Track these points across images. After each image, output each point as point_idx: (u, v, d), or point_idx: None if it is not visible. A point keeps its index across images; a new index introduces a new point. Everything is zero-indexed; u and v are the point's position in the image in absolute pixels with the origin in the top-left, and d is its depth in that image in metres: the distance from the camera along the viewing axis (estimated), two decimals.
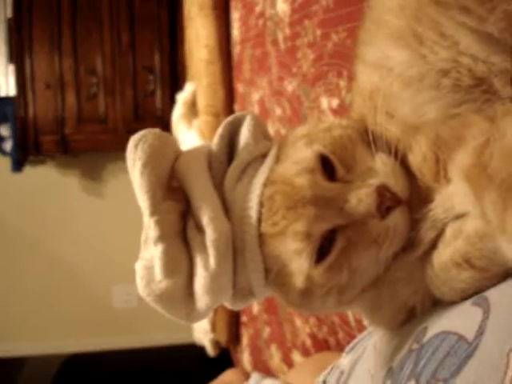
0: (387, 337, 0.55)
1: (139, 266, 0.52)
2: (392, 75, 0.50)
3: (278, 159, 0.53)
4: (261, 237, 0.50)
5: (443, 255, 0.46)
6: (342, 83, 0.88)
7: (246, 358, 1.70)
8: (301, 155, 0.51)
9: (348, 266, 0.48)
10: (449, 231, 0.46)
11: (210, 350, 1.96)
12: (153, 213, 0.51)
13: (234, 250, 0.51)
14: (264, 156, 0.54)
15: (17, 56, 3.26)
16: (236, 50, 1.70)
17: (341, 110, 0.89)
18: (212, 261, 0.49)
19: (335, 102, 0.90)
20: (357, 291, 0.50)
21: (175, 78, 3.28)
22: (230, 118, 0.57)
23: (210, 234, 0.49)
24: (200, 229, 0.51)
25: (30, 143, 3.28)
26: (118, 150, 3.17)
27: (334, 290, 0.50)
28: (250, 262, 0.51)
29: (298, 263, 0.49)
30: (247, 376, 1.37)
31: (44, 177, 3.60)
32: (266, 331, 1.46)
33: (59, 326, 3.63)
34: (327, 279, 0.49)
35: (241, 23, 1.61)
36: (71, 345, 3.65)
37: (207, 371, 1.42)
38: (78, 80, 3.30)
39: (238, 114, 0.57)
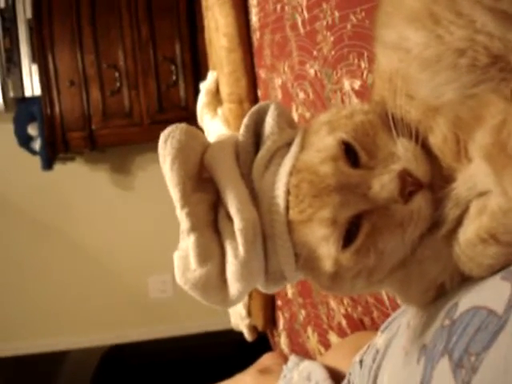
0: (420, 314, 0.56)
1: (176, 256, 0.54)
2: (410, 57, 0.51)
3: (302, 147, 0.54)
4: (289, 224, 0.52)
5: (469, 232, 0.47)
6: (364, 64, 0.88)
7: (283, 341, 1.72)
8: (324, 143, 0.52)
9: (375, 250, 0.49)
10: (473, 208, 0.46)
11: (248, 335, 1.99)
12: (183, 205, 0.53)
13: (265, 237, 0.53)
14: (290, 144, 0.55)
15: (39, 55, 3.30)
16: (256, 36, 1.70)
17: (364, 92, 0.89)
18: (241, 249, 0.51)
19: (358, 84, 0.90)
20: (385, 272, 0.51)
21: (197, 68, 3.29)
22: (254, 108, 0.58)
23: (237, 223, 0.51)
24: (230, 218, 0.53)
25: (58, 141, 3.33)
26: (144, 142, 3.23)
27: (362, 273, 0.51)
28: (281, 248, 0.53)
29: (326, 248, 0.50)
30: (285, 359, 1.39)
31: (74, 173, 3.65)
32: (302, 314, 1.47)
33: (97, 319, 3.70)
34: (355, 263, 0.50)
35: (259, 9, 1.61)
36: (110, 337, 3.72)
37: (246, 356, 1.44)
38: (101, 75, 3.33)
39: (262, 103, 0.58)
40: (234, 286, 0.52)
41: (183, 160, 0.52)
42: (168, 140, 0.52)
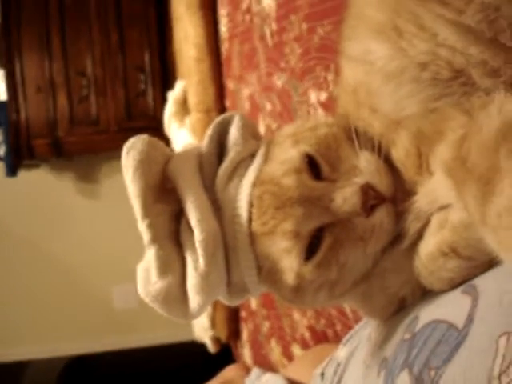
0: (380, 327, 0.56)
1: (139, 268, 0.53)
2: (373, 70, 0.51)
3: (266, 159, 0.53)
4: (252, 235, 0.51)
5: (430, 245, 0.47)
6: (330, 77, 0.88)
7: (246, 352, 1.71)
8: (287, 155, 0.51)
9: (336, 262, 0.49)
10: (434, 222, 0.47)
11: (211, 347, 1.97)
12: (143, 216, 0.52)
13: (227, 249, 0.52)
14: (253, 155, 0.55)
15: (6, 60, 3.25)
16: (224, 46, 1.70)
17: (330, 104, 0.89)
18: (201, 261, 0.50)
19: (324, 96, 0.91)
20: (347, 285, 0.51)
21: (166, 77, 3.27)
22: (218, 119, 0.57)
23: (197, 235, 0.50)
24: (192, 229, 0.52)
25: (23, 147, 3.27)
26: (111, 149, 3.19)
27: (324, 286, 0.51)
28: (243, 260, 0.52)
29: (288, 261, 0.50)
30: (248, 371, 1.37)
31: (39, 180, 3.59)
32: (265, 326, 1.46)
33: (60, 329, 3.63)
34: (317, 275, 0.49)
35: (228, 20, 1.61)
36: (73, 347, 3.65)
37: (209, 368, 1.43)
38: (69, 82, 3.29)
39: (226, 114, 0.58)
40: (194, 299, 0.51)
41: (144, 171, 0.52)
42: (130, 151, 0.52)
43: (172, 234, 0.54)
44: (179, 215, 0.54)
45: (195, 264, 0.50)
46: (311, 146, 0.51)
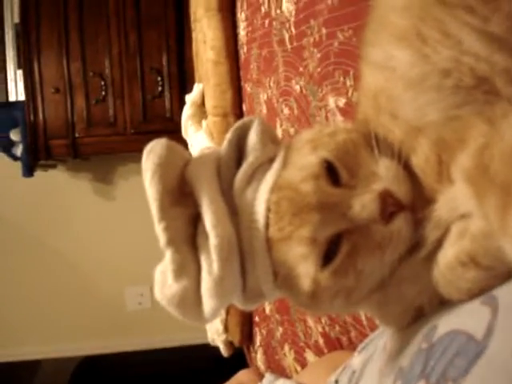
0: (397, 336, 0.55)
1: (157, 271, 0.53)
2: (395, 76, 0.51)
3: (284, 164, 0.53)
4: (268, 241, 0.51)
5: (449, 254, 0.46)
6: (349, 82, 0.88)
7: (259, 357, 1.71)
8: (306, 161, 0.51)
9: (353, 270, 0.49)
10: (454, 231, 0.46)
11: (224, 351, 1.97)
12: (160, 219, 0.52)
13: (243, 254, 0.52)
14: (272, 160, 0.55)
15: (25, 61, 3.27)
16: (243, 50, 1.70)
17: (348, 109, 0.89)
18: (215, 265, 0.50)
19: (342, 101, 0.90)
20: (364, 293, 0.51)
21: (183, 79, 3.28)
22: (238, 123, 0.58)
23: (212, 240, 0.50)
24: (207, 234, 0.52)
25: (40, 148, 3.29)
26: (127, 151, 3.21)
27: (340, 293, 0.50)
28: (259, 265, 0.52)
29: (305, 267, 0.49)
30: (261, 376, 1.37)
31: (55, 181, 3.61)
32: (279, 331, 1.46)
33: (73, 329, 3.65)
34: (333, 282, 0.49)
35: (247, 24, 1.62)
36: (85, 347, 3.67)
37: (222, 371, 1.43)
38: (87, 83, 3.31)
39: (246, 118, 0.58)
40: (207, 303, 0.51)
41: (162, 175, 0.52)
42: (149, 155, 0.52)
43: (189, 238, 0.54)
44: (196, 219, 0.54)
45: (209, 268, 0.50)
46: (330, 152, 0.50)
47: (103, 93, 3.31)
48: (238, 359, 1.95)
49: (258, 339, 1.75)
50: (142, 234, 2.45)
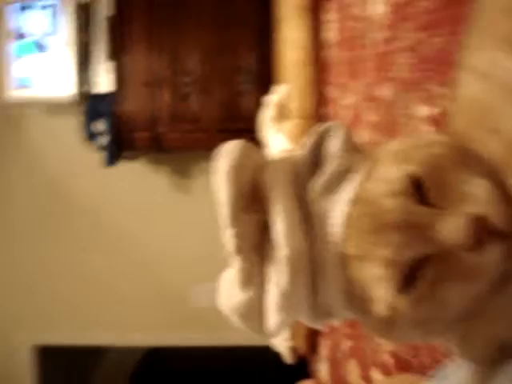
0: (480, 373, 0.49)
1: (223, 277, 0.52)
2: (496, 83, 0.45)
3: (368, 175, 0.49)
4: (343, 257, 0.47)
5: None
6: (442, 91, 0.82)
7: (323, 368, 1.66)
8: (391, 174, 0.47)
9: (435, 299, 0.44)
10: None
11: (288, 357, 1.92)
12: (230, 225, 0.49)
13: (314, 268, 0.49)
14: (353, 170, 0.50)
15: (116, 54, 3.35)
16: (330, 52, 1.66)
17: (439, 120, 0.83)
18: (283, 278, 0.46)
19: (433, 111, 0.85)
20: (445, 325, 0.46)
21: (268, 79, 3.26)
22: (320, 128, 0.54)
23: (282, 250, 0.47)
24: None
25: (124, 139, 3.36)
26: (209, 149, 3.19)
27: (419, 323, 0.45)
28: (330, 281, 0.48)
29: (381, 291, 0.45)
30: None
31: (136, 172, 3.67)
32: (347, 344, 1.41)
33: (141, 319, 3.70)
34: (412, 311, 0.45)
35: (336, 25, 1.57)
36: (151, 338, 3.71)
37: (282, 377, 1.40)
38: (174, 79, 3.34)
39: (328, 123, 0.54)
40: (272, 317, 0.48)
41: (235, 178, 0.49)
42: (224, 156, 0.50)
43: (257, 246, 0.51)
44: (266, 226, 0.51)
45: (277, 280, 0.47)
46: (420, 167, 0.46)
47: (190, 89, 3.33)
48: (300, 368, 1.90)
49: (323, 350, 1.70)
50: (215, 232, 2.43)
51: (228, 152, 0.50)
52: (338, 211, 0.48)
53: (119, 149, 3.43)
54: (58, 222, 3.69)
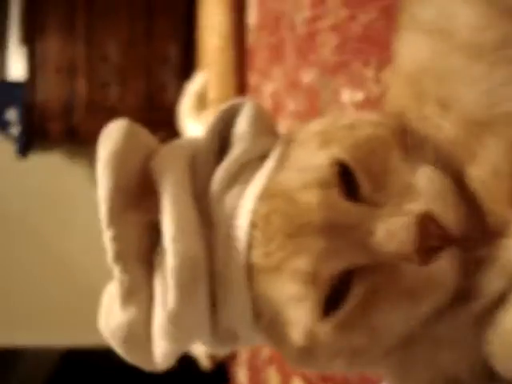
0: None
1: (106, 290, 0.42)
2: (454, 43, 0.35)
3: (281, 163, 0.38)
4: (250, 268, 0.36)
5: None
6: (369, 73, 0.73)
7: (242, 373, 1.56)
8: (311, 161, 0.36)
9: (367, 324, 0.34)
10: None
11: (204, 363, 1.81)
12: (108, 225, 0.38)
13: (215, 280, 0.38)
14: (264, 157, 0.40)
15: (29, 38, 3.16)
16: (252, 37, 1.56)
17: (366, 105, 0.74)
18: (171, 296, 0.35)
19: (360, 96, 0.76)
20: (378, 353, 0.36)
21: (191, 69, 3.15)
22: (224, 106, 0.43)
23: (169, 259, 0.35)
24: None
25: (36, 129, 3.19)
26: None
27: (344, 352, 0.35)
28: (234, 299, 0.37)
29: (298, 314, 0.34)
30: None
31: (50, 165, 3.50)
32: (266, 351, 1.32)
33: (59, 318, 3.55)
34: (336, 339, 0.34)
35: (257, 7, 1.47)
36: (70, 338, 3.57)
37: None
38: (91, 67, 3.19)
39: (235, 101, 0.43)
40: (158, 345, 0.37)
41: (117, 167, 0.38)
42: (104, 141, 0.39)
43: (145, 254, 0.39)
44: (158, 229, 0.40)
45: (163, 299, 0.36)
46: (346, 151, 0.35)
47: (108, 78, 3.20)
48: (217, 372, 1.80)
49: (243, 354, 1.60)
50: None
51: (109, 135, 0.39)
52: (242, 210, 0.37)
53: (31, 139, 3.25)
54: None
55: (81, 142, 3.31)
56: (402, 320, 0.33)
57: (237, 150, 0.39)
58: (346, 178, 0.35)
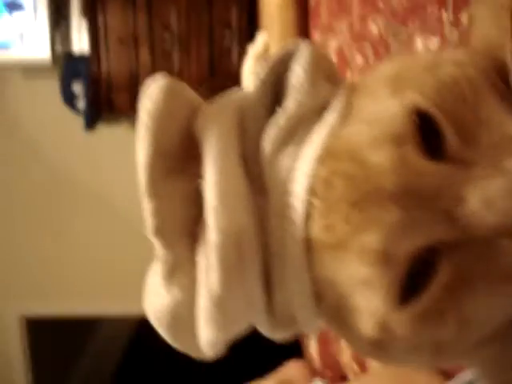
0: None
1: (152, 269, 0.36)
2: None
3: (345, 116, 0.31)
4: (309, 243, 0.30)
5: None
6: (446, 15, 0.64)
7: (313, 346, 1.51)
8: (381, 111, 0.29)
9: (455, 314, 0.27)
10: None
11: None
12: (149, 197, 0.33)
13: (269, 257, 0.32)
14: (324, 110, 0.33)
15: (89, 10, 3.15)
16: None
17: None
18: (214, 278, 0.30)
19: (435, 42, 0.67)
20: (468, 346, 0.29)
21: (253, 33, 3.08)
22: (278, 53, 0.36)
23: (212, 236, 0.30)
24: None
25: (103, 101, 3.20)
26: None
27: (427, 346, 0.28)
28: (292, 279, 0.31)
29: (368, 301, 0.28)
30: (313, 372, 1.20)
31: (118, 136, 3.52)
32: None
33: (133, 288, 3.60)
34: (416, 332, 0.27)
35: None
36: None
37: (270, 353, 1.27)
38: (153, 36, 3.17)
39: (289, 45, 0.36)
40: (203, 331, 0.32)
41: (156, 131, 0.33)
42: (143, 103, 0.35)
43: (190, 226, 0.34)
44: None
45: (207, 280, 0.31)
46: (427, 96, 0.28)
47: (169, 46, 3.17)
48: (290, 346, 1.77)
49: None
50: None
51: (149, 95, 0.34)
52: (299, 173, 0.31)
53: (98, 111, 3.27)
54: (39, 189, 3.54)
55: None
56: (499, 309, 0.27)
57: (291, 103, 0.33)
58: (427, 132, 0.27)
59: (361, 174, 0.27)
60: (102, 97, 3.21)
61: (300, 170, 0.31)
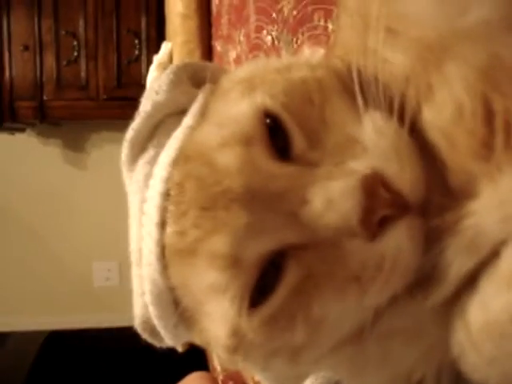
0: None
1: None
2: None
3: (201, 118, 0.31)
4: (161, 250, 0.29)
5: (493, 306, 0.23)
6: (331, 26, 0.66)
7: (216, 358, 1.50)
8: (231, 112, 0.29)
9: (305, 316, 0.26)
10: (506, 262, 0.23)
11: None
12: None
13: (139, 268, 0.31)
14: (184, 112, 0.32)
15: None
16: (215, 1, 1.46)
17: None
18: None
19: (322, 51, 0.68)
20: (324, 350, 0.28)
21: (162, 41, 3.06)
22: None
23: None
24: None
25: (5, 109, 3.07)
26: (99, 118, 2.98)
27: (282, 351, 0.28)
28: (147, 285, 0.30)
29: (220, 305, 0.27)
30: (216, 383, 1.19)
31: (23, 146, 3.40)
32: None
33: (40, 303, 3.49)
34: (267, 336, 0.27)
35: None
36: (52, 322, 3.52)
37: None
38: (58, 42, 3.08)
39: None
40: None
41: None
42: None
43: None
44: None
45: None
46: (275, 97, 0.28)
47: (75, 53, 3.09)
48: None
49: None
50: (113, 207, 2.24)
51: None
52: (156, 178, 0.29)
53: (0, 120, 3.15)
54: None
55: (51, 121, 3.23)
56: (348, 311, 0.26)
57: (148, 106, 0.32)
58: (274, 133, 0.27)
59: (210, 176, 0.27)
60: (5, 104, 3.09)
61: (156, 176, 0.30)
